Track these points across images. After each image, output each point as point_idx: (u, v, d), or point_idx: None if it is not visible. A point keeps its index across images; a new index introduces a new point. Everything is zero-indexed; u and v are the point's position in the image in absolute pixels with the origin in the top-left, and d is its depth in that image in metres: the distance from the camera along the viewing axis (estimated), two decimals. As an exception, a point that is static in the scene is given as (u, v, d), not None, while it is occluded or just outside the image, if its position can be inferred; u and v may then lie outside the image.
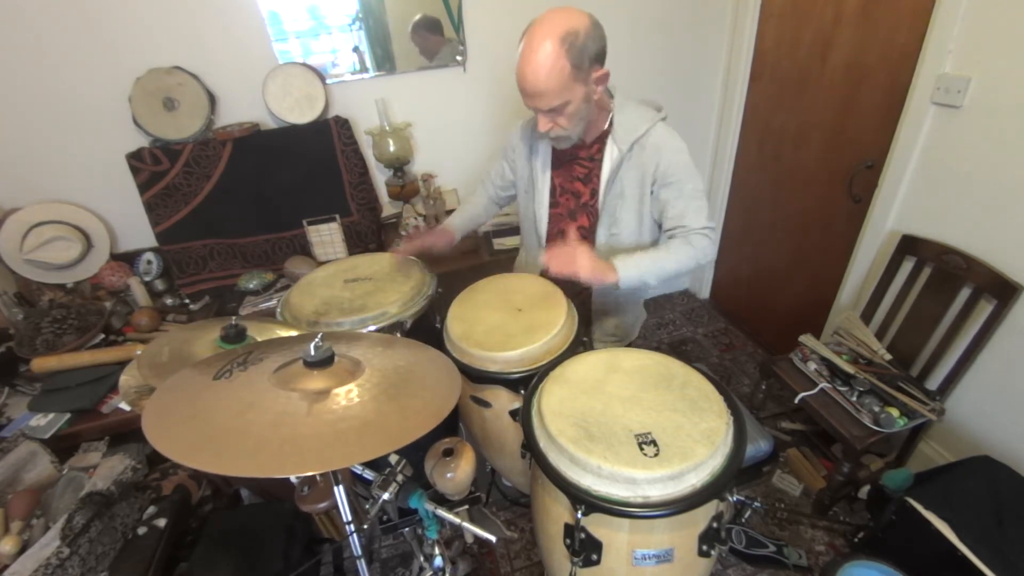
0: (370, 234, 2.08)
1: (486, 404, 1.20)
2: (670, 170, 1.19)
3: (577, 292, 1.43)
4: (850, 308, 1.88)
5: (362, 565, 0.93)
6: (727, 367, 2.39)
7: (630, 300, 1.48)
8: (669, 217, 1.23)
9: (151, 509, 1.29)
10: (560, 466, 0.86)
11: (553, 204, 1.37)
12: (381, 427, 0.67)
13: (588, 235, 1.34)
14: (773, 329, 2.43)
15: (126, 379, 0.93)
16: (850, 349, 1.68)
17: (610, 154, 1.24)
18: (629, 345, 1.54)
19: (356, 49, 1.92)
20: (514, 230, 1.96)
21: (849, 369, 1.58)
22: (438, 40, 1.95)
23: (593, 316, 1.46)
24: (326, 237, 2.00)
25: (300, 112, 1.87)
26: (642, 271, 1.16)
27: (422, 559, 1.12)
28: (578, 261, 1.11)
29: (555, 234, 1.40)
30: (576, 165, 1.30)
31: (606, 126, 1.24)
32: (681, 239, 1.20)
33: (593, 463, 0.82)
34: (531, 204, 1.40)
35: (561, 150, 1.30)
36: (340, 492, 0.82)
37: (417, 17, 1.89)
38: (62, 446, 1.39)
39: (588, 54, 1.05)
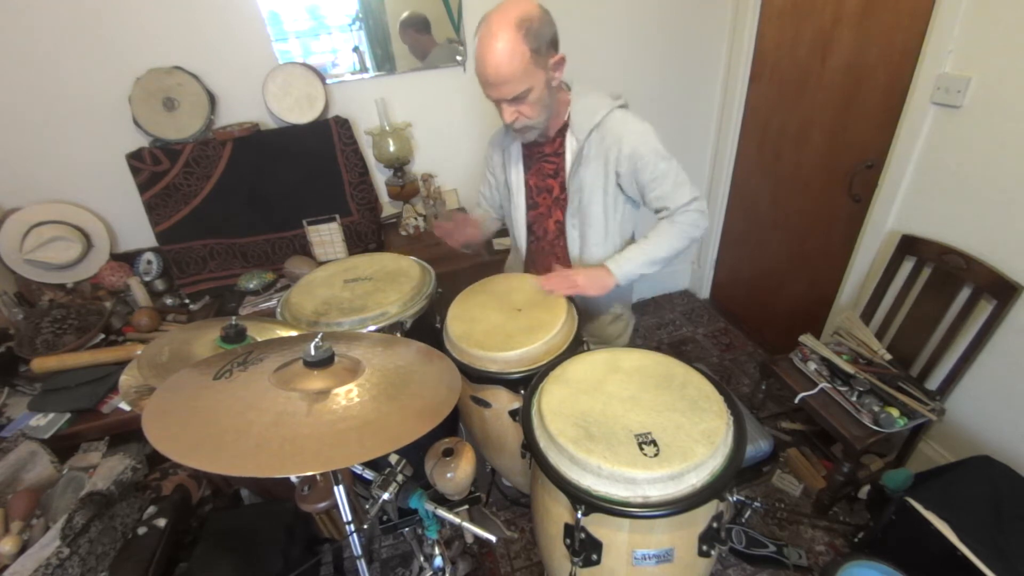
0: (370, 234, 2.08)
1: (486, 404, 1.20)
2: (636, 154, 1.19)
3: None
4: (850, 308, 1.88)
5: (362, 565, 0.93)
6: (727, 367, 2.39)
7: (615, 303, 1.47)
8: (652, 200, 1.25)
9: (151, 509, 1.29)
10: (560, 466, 0.86)
11: (532, 205, 1.39)
12: (381, 427, 0.67)
13: (562, 231, 1.36)
14: (773, 329, 2.43)
15: (126, 379, 0.93)
16: (850, 349, 1.68)
17: (569, 145, 1.25)
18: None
19: (356, 49, 1.92)
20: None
21: (849, 369, 1.58)
22: (427, 39, 1.94)
23: (578, 314, 1.45)
24: (326, 237, 2.00)
25: (300, 112, 1.87)
26: (636, 264, 1.22)
27: (422, 559, 1.12)
28: (575, 279, 1.21)
29: (534, 235, 1.43)
30: (544, 162, 1.32)
31: (565, 118, 1.25)
32: (666, 221, 1.24)
33: (593, 463, 0.82)
34: (509, 208, 1.43)
35: (530, 150, 1.33)
36: (340, 492, 0.82)
37: (404, 15, 1.88)
38: (62, 446, 1.39)
39: (544, 39, 1.07)
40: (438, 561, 1.06)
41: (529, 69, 1.07)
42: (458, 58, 2.00)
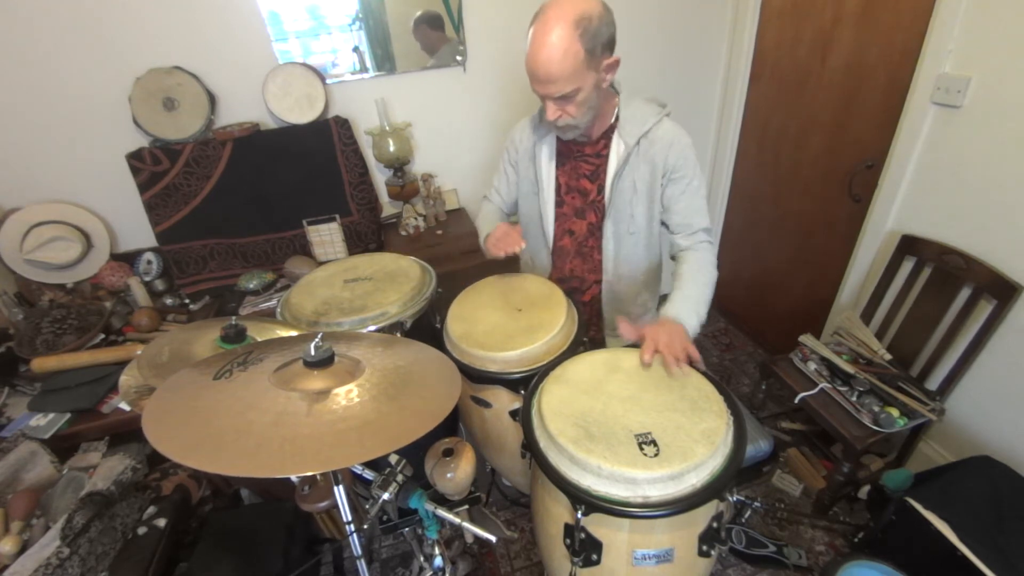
0: (370, 234, 2.08)
1: (486, 404, 1.20)
2: (679, 164, 1.19)
3: (588, 287, 1.43)
4: (850, 308, 1.88)
5: (362, 565, 0.93)
6: (727, 367, 2.39)
7: (643, 287, 1.42)
8: (675, 213, 1.23)
9: (151, 509, 1.29)
10: (560, 466, 0.86)
11: (559, 203, 1.35)
12: (381, 427, 0.67)
13: (595, 231, 1.33)
14: (773, 329, 2.43)
15: (126, 379, 0.93)
16: (850, 349, 1.68)
17: (616, 149, 1.23)
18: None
19: (356, 49, 1.92)
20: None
21: (849, 369, 1.58)
22: (440, 36, 1.95)
23: (604, 312, 1.44)
24: (326, 237, 2.00)
25: (300, 112, 1.86)
26: (699, 311, 1.13)
27: (422, 559, 1.12)
28: (675, 338, 1.04)
29: (561, 234, 1.39)
30: (582, 162, 1.29)
31: (612, 120, 1.23)
32: (692, 260, 1.20)
33: (593, 463, 0.82)
34: (535, 203, 1.37)
35: (566, 148, 1.29)
36: (340, 492, 0.82)
37: (419, 13, 1.90)
38: (62, 446, 1.39)
39: (601, 40, 1.03)
40: (438, 561, 1.06)
41: (580, 70, 1.03)
42: (458, 58, 2.00)
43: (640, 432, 0.87)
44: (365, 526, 0.88)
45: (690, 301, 1.13)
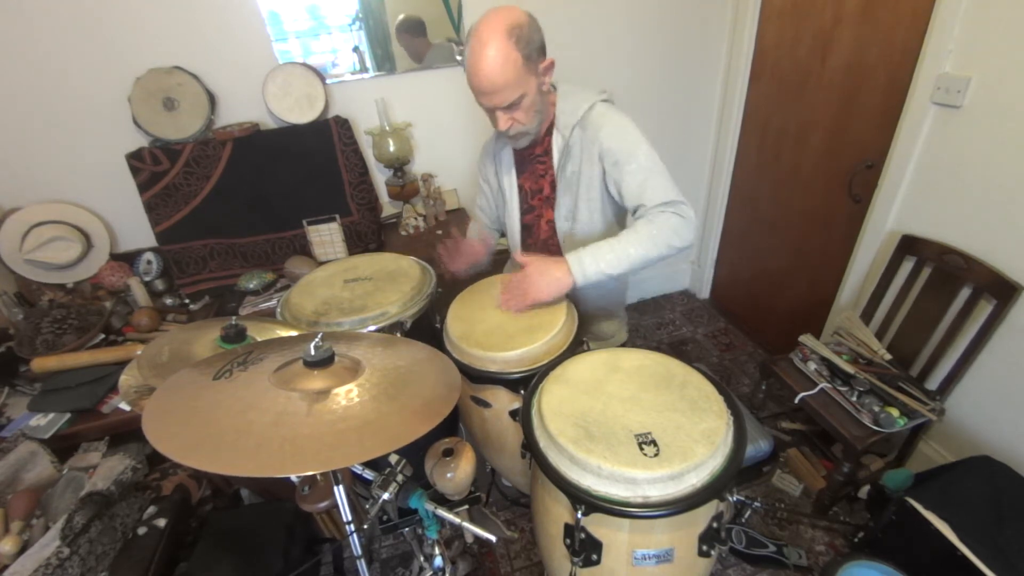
0: (370, 234, 2.08)
1: (486, 404, 1.20)
2: (614, 147, 1.16)
3: None
4: (850, 308, 1.88)
5: (362, 565, 0.93)
6: (727, 367, 2.39)
7: (605, 300, 1.46)
8: (627, 198, 1.17)
9: (151, 509, 1.29)
10: (560, 466, 0.86)
11: (528, 209, 1.39)
12: (381, 427, 0.67)
13: (554, 229, 1.36)
14: (773, 329, 2.43)
15: (126, 379, 0.93)
16: (850, 349, 1.68)
17: (556, 143, 1.26)
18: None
19: (356, 49, 1.92)
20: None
21: (849, 369, 1.58)
22: (422, 42, 1.95)
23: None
24: (326, 237, 2.00)
25: (300, 112, 1.86)
26: (601, 262, 1.10)
27: (422, 559, 1.12)
28: (529, 290, 1.15)
29: (531, 237, 1.42)
30: (536, 164, 1.33)
31: (552, 118, 1.26)
32: (644, 219, 1.12)
33: (593, 463, 0.82)
34: (504, 214, 1.43)
35: (521, 154, 1.33)
36: (340, 492, 0.82)
37: (399, 18, 1.87)
38: (62, 446, 1.39)
39: (535, 45, 1.08)
40: (438, 561, 1.06)
41: (521, 76, 1.08)
42: (458, 58, 2.00)
43: (640, 432, 0.87)
44: (365, 526, 0.88)
45: (595, 248, 1.11)
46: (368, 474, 0.94)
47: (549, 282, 1.14)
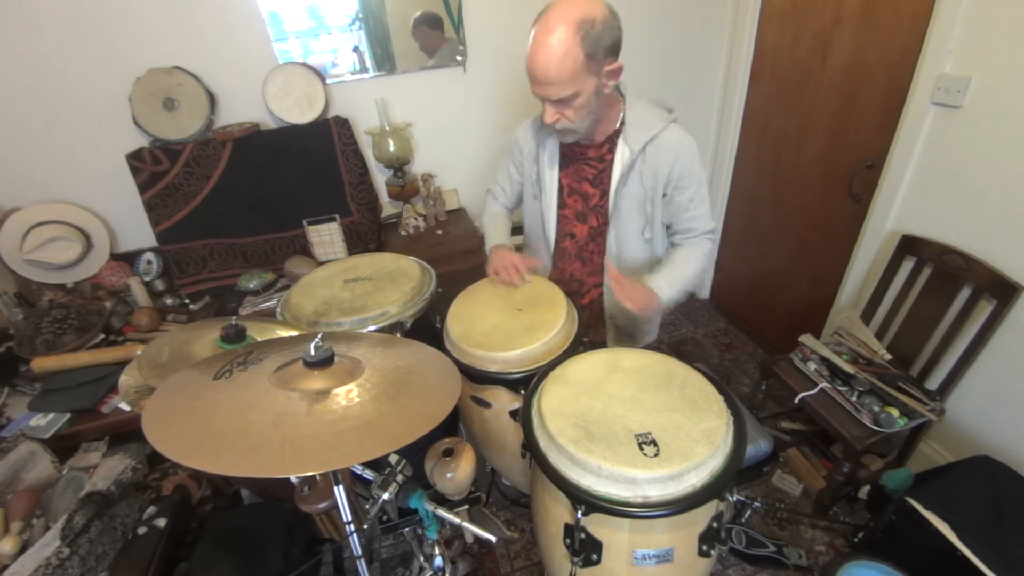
0: (370, 234, 2.08)
1: (486, 404, 1.20)
2: (685, 172, 1.18)
3: (587, 291, 1.43)
4: (850, 308, 1.88)
5: (362, 565, 0.93)
6: (727, 367, 2.39)
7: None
8: (682, 219, 1.25)
9: (151, 509, 1.29)
10: (560, 466, 0.86)
11: (561, 205, 1.34)
12: (381, 427, 0.67)
13: (597, 237, 1.33)
14: (773, 329, 2.43)
15: (126, 379, 0.93)
16: (850, 349, 1.68)
17: (621, 155, 1.21)
18: (645, 347, 1.53)
19: (356, 49, 1.92)
20: (516, 229, 1.95)
21: (849, 369, 1.58)
22: (439, 37, 1.95)
23: (607, 316, 1.43)
24: (326, 237, 2.00)
25: (300, 112, 1.87)
26: (675, 287, 1.20)
27: (422, 559, 1.12)
28: (642, 300, 1.15)
29: (563, 236, 1.38)
30: (585, 165, 1.27)
31: (617, 125, 1.21)
32: (689, 246, 1.25)
33: (593, 463, 0.82)
34: (538, 205, 1.36)
35: (569, 150, 1.28)
36: (340, 492, 0.82)
37: (418, 13, 1.90)
38: (62, 446, 1.39)
39: (603, 45, 1.00)
40: (438, 561, 1.06)
41: (579, 74, 1.01)
42: (458, 58, 2.00)
43: (640, 432, 0.87)
44: (365, 526, 0.88)
45: (670, 278, 1.21)
46: (368, 474, 0.94)
47: (652, 298, 1.17)
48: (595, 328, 1.47)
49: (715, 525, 0.89)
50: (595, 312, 1.44)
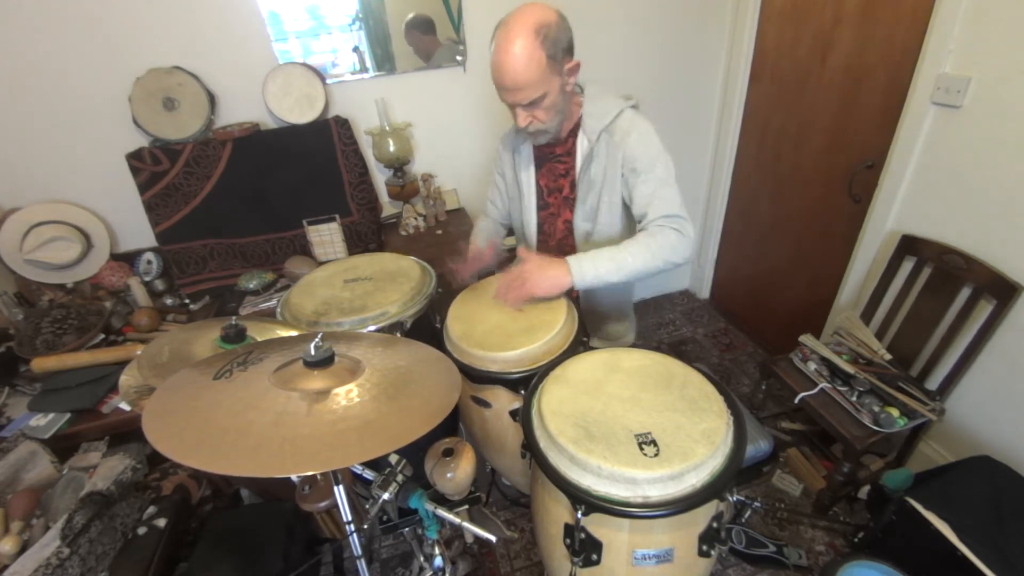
0: (370, 234, 2.08)
1: (486, 404, 1.20)
2: (636, 155, 1.18)
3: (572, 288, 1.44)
4: (850, 308, 1.88)
5: (362, 565, 0.93)
6: (727, 367, 2.39)
7: (617, 302, 1.47)
8: (636, 205, 1.20)
9: (151, 509, 1.29)
10: (560, 466, 0.86)
11: (543, 206, 1.39)
12: (381, 427, 0.67)
13: (571, 229, 1.36)
14: (773, 329, 2.43)
15: (126, 379, 0.93)
16: (850, 349, 1.68)
17: (580, 146, 1.26)
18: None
19: (356, 49, 1.92)
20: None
21: (849, 369, 1.58)
22: (432, 40, 1.95)
23: (583, 313, 1.44)
24: (326, 237, 2.00)
25: (300, 112, 1.86)
26: (600, 268, 1.12)
27: (422, 559, 1.12)
28: (526, 284, 1.15)
29: (546, 236, 1.42)
30: (556, 163, 1.33)
31: (577, 119, 1.26)
32: (645, 232, 1.15)
33: (593, 463, 0.82)
34: (519, 209, 1.42)
35: (541, 151, 1.33)
36: (340, 492, 0.82)
37: (409, 17, 1.88)
38: (62, 446, 1.39)
39: (561, 45, 1.08)
40: (438, 561, 1.06)
41: (545, 75, 1.08)
42: (458, 58, 2.00)
43: (640, 432, 0.87)
44: (365, 526, 0.88)
45: (596, 255, 1.14)
46: (368, 474, 0.94)
47: (547, 278, 1.15)
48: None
49: (715, 525, 0.89)
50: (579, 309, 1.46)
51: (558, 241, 1.41)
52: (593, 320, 1.48)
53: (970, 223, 1.45)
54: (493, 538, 0.91)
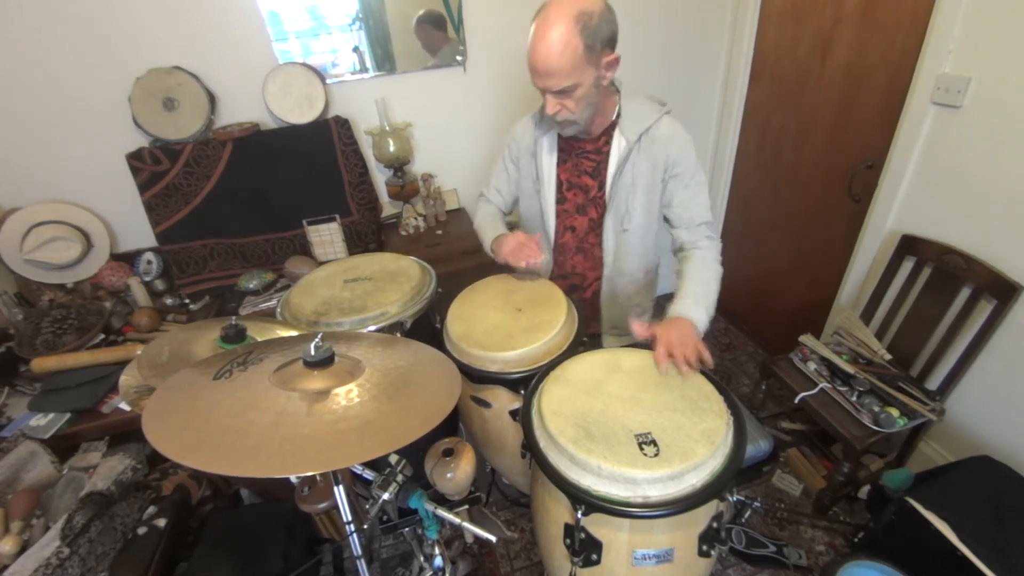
0: (370, 234, 2.08)
1: (486, 404, 1.20)
2: (679, 159, 1.20)
3: (589, 284, 1.44)
4: (850, 308, 1.88)
5: (362, 565, 0.93)
6: (727, 367, 2.39)
7: (642, 287, 1.45)
8: (676, 207, 1.24)
9: (151, 509, 1.29)
10: (560, 466, 0.86)
11: (560, 200, 1.36)
12: (381, 427, 0.67)
13: (595, 228, 1.34)
14: (773, 329, 2.43)
15: (126, 379, 0.93)
16: (850, 349, 1.68)
17: (617, 145, 1.24)
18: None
19: (356, 49, 1.92)
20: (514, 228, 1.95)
21: (849, 369, 1.58)
22: (441, 36, 1.95)
23: (603, 307, 1.45)
24: (326, 237, 2.00)
25: (300, 112, 1.86)
26: (708, 308, 1.17)
27: (422, 559, 1.12)
28: (688, 340, 1.05)
29: (563, 231, 1.39)
30: (583, 159, 1.30)
31: (613, 117, 1.24)
32: (698, 258, 1.20)
33: (593, 463, 0.82)
34: (537, 201, 1.37)
35: (567, 145, 1.30)
36: (340, 492, 0.82)
37: (421, 12, 1.90)
38: (62, 446, 1.39)
39: (601, 36, 1.04)
40: (438, 561, 1.06)
41: (579, 65, 1.04)
42: (458, 58, 2.00)
43: (640, 432, 0.87)
44: (365, 526, 0.88)
45: (697, 297, 1.15)
46: (368, 474, 0.94)
47: (691, 335, 1.09)
48: (594, 321, 1.48)
49: (715, 525, 0.89)
50: (595, 306, 1.46)
51: (579, 240, 1.38)
52: (615, 314, 1.44)
53: (970, 223, 1.45)
54: (493, 538, 0.91)
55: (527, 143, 1.35)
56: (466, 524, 0.93)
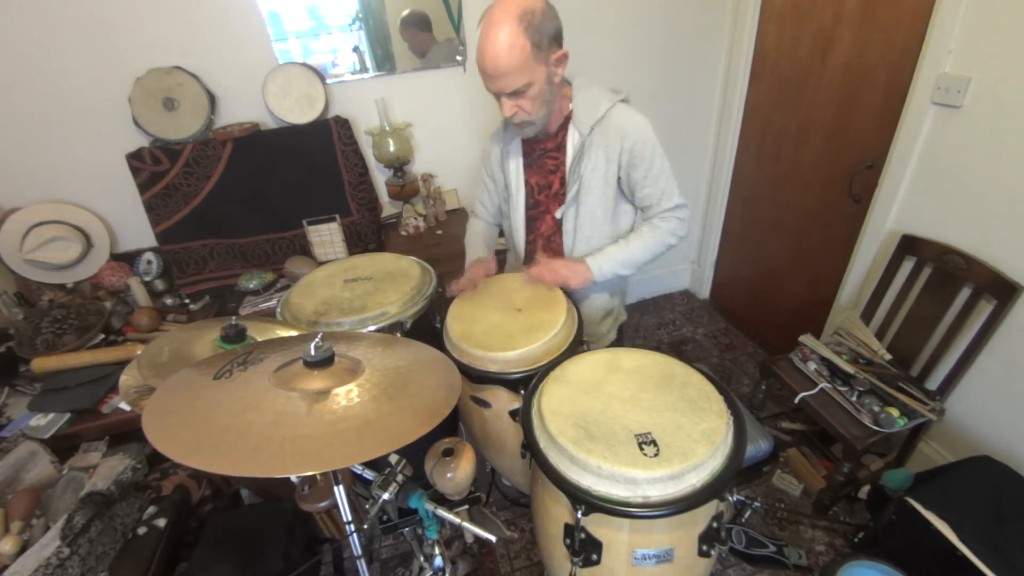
0: (370, 234, 2.08)
1: (486, 404, 1.20)
2: (636, 150, 1.20)
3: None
4: (850, 308, 1.88)
5: (362, 565, 0.93)
6: (727, 367, 2.39)
7: (604, 292, 1.45)
8: (641, 198, 1.27)
9: (151, 509, 1.29)
10: (560, 466, 0.86)
11: (533, 204, 1.39)
12: (381, 427, 0.67)
13: (559, 224, 1.35)
14: (773, 329, 2.43)
15: (126, 379, 0.93)
16: (850, 349, 1.68)
17: (572, 139, 1.25)
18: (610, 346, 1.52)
19: (356, 49, 1.92)
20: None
21: (849, 369, 1.58)
22: (428, 38, 1.95)
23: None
24: (326, 237, 2.00)
25: (300, 112, 1.87)
26: (614, 263, 1.26)
27: (422, 559, 1.12)
28: (560, 271, 1.25)
29: (535, 234, 1.41)
30: (546, 159, 1.32)
31: (567, 113, 1.25)
32: (648, 224, 1.28)
33: (593, 463, 0.82)
34: (508, 207, 1.42)
35: (530, 147, 1.32)
36: (340, 492, 0.82)
37: (405, 13, 1.88)
38: (62, 446, 1.39)
39: (546, 33, 1.07)
40: (438, 561, 1.06)
41: (529, 63, 1.07)
42: (458, 58, 2.00)
43: (640, 432, 0.87)
44: (365, 526, 0.88)
45: (609, 252, 1.27)
46: (368, 474, 0.94)
47: (576, 271, 1.25)
48: None
49: (715, 525, 0.89)
50: None
51: (546, 238, 1.40)
52: (584, 295, 1.44)
53: (970, 223, 1.45)
54: (493, 538, 0.91)
55: (496, 155, 1.40)
56: (466, 524, 0.92)
